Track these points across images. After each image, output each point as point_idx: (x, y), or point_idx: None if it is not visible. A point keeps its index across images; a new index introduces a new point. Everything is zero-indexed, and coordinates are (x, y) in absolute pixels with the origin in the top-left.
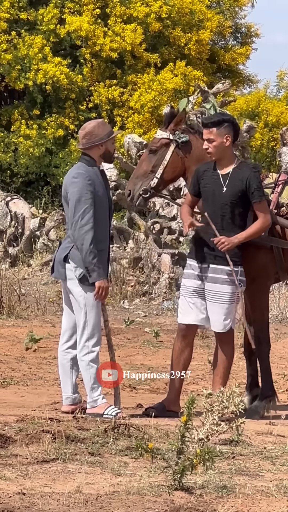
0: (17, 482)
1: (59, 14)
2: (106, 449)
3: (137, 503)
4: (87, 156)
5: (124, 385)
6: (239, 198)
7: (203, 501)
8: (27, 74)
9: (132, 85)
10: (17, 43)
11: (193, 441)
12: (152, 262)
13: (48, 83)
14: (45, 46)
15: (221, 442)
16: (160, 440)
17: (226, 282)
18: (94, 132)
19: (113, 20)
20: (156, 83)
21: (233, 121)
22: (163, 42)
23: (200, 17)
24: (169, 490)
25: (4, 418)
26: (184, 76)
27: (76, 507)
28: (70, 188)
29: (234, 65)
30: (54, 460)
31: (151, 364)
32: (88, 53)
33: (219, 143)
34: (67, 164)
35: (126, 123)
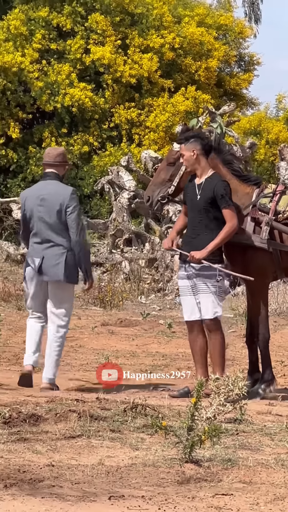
0: (47, 456)
1: (85, 45)
2: (125, 426)
3: (152, 474)
4: (55, 174)
5: (141, 370)
6: (210, 205)
7: (210, 472)
8: (56, 98)
9: (149, 107)
10: (47, 70)
11: (201, 420)
12: (166, 262)
13: (74, 105)
14: (72, 73)
15: (226, 420)
16: (173, 418)
17: (208, 276)
18: (65, 155)
19: (132, 50)
20: (169, 106)
21: (200, 136)
22: (176, 69)
23: (208, 47)
24: (181, 462)
25: (36, 399)
26: (194, 99)
27: (99, 477)
28: (70, 202)
29: (238, 90)
30: (79, 436)
31: (165, 352)
32: (110, 79)
33: (188, 156)
34: (90, 176)
35: (143, 140)
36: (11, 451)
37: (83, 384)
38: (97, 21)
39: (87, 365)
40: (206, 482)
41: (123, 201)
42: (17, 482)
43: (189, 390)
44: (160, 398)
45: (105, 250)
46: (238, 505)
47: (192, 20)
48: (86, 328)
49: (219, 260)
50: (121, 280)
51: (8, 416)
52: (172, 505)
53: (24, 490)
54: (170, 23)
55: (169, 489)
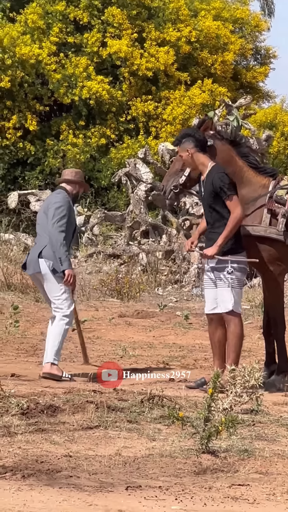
0: (65, 446)
1: (102, 38)
2: (142, 417)
3: (169, 465)
4: (64, 188)
5: (158, 362)
6: (214, 199)
7: (227, 462)
8: (73, 91)
9: (165, 100)
10: (65, 63)
11: (218, 411)
12: (182, 254)
13: (91, 98)
14: (89, 66)
15: (242, 411)
16: (190, 409)
17: (221, 269)
18: (80, 174)
19: (149, 43)
20: (186, 98)
21: (191, 134)
22: (192, 62)
23: (225, 41)
24: (197, 453)
25: (54, 390)
26: (211, 92)
27: (116, 467)
28: (53, 199)
29: (255, 83)
30: (97, 427)
31: (182, 343)
32: (127, 72)
33: (185, 156)
34: (108, 169)
35: (160, 133)
36: (29, 442)
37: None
38: (113, 15)
39: (104, 356)
40: (223, 473)
41: (140, 193)
42: (35, 472)
43: (205, 381)
44: (177, 389)
45: (122, 242)
46: (254, 495)
47: (208, 13)
48: (103, 320)
49: (234, 250)
50: (138, 272)
51: (26, 407)
52: (189, 496)
53: (42, 480)
54: (186, 17)
55: (186, 479)
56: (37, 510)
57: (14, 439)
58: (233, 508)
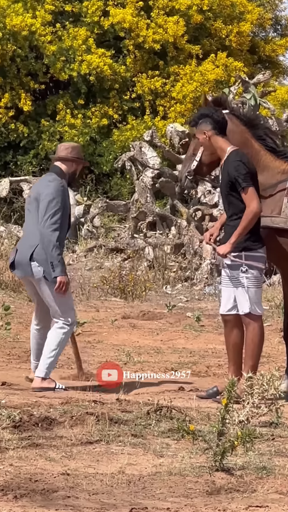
0: (62, 463)
1: (103, 7)
2: (148, 430)
3: (179, 484)
4: (58, 168)
5: (166, 368)
6: (230, 189)
7: (243, 481)
8: (71, 65)
9: (174, 76)
10: (62, 34)
11: (233, 423)
12: (194, 248)
13: (92, 73)
14: (89, 37)
15: (261, 424)
16: (201, 422)
17: (234, 267)
18: (77, 150)
19: (156, 13)
20: (197, 74)
21: (208, 114)
22: (204, 34)
23: (241, 10)
24: (210, 471)
25: (49, 401)
26: (225, 67)
27: (119, 487)
28: (44, 189)
29: (274, 56)
30: (97, 442)
31: (193, 348)
32: (131, 44)
33: (202, 140)
34: (110, 153)
35: (169, 112)
36: (22, 458)
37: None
38: None
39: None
40: (239, 493)
41: (146, 180)
42: (28, 492)
43: (218, 390)
44: (187, 399)
45: (126, 235)
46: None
47: None
48: (105, 322)
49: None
50: (144, 268)
51: (19, 419)
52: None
53: (36, 501)
54: None
55: (197, 500)
56: None
57: (5, 455)
58: None
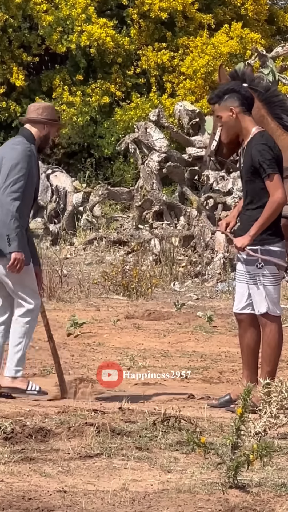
0: (58, 479)
1: None
2: (154, 443)
3: (188, 502)
4: (28, 132)
5: (174, 374)
6: (252, 175)
7: (260, 500)
8: (69, 37)
9: (184, 49)
10: (59, 3)
11: (249, 435)
12: (205, 240)
13: (92, 46)
14: (89, 6)
15: (279, 436)
16: (214, 434)
17: (250, 263)
18: (48, 111)
19: None
20: (210, 47)
21: (236, 89)
22: (217, 1)
23: None
24: (223, 488)
25: (45, 410)
26: (241, 39)
27: (122, 506)
28: (8, 154)
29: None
30: (98, 455)
31: (204, 352)
32: (136, 13)
33: (226, 117)
34: (112, 134)
35: (177, 89)
36: (14, 474)
37: (103, 391)
38: None
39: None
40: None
41: (152, 164)
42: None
43: (231, 398)
44: (197, 408)
45: (130, 226)
46: None
47: None
48: (106, 322)
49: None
50: (149, 262)
51: (10, 431)
52: None
53: None
54: None
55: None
56: None
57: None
58: None
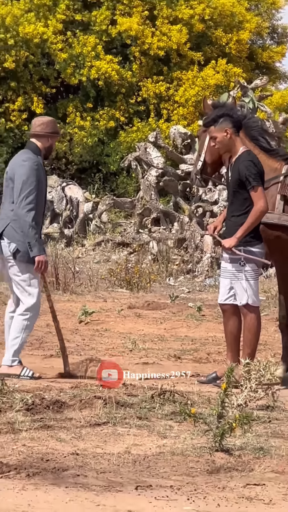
0: (71, 444)
1: (111, 16)
2: (152, 413)
3: (181, 463)
4: (34, 145)
5: (170, 355)
6: (239, 186)
7: (241, 461)
8: (81, 71)
9: (178, 81)
10: (72, 42)
11: (232, 407)
12: (195, 242)
13: (100, 78)
14: (97, 45)
15: (258, 407)
16: (202, 405)
17: (234, 261)
18: (50, 125)
19: (160, 21)
20: (199, 79)
21: (229, 113)
22: (206, 41)
23: (240, 19)
24: (210, 451)
25: (60, 385)
26: (225, 73)
27: (125, 466)
28: (19, 170)
29: (271, 63)
30: (105, 424)
31: (194, 336)
32: (137, 51)
33: (221, 138)
34: (117, 153)
35: (172, 115)
36: (34, 439)
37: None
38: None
39: (113, 350)
40: (237, 472)
41: (151, 178)
42: (40, 471)
43: (217, 376)
44: (189, 384)
45: (132, 230)
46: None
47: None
48: (112, 311)
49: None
50: (148, 261)
51: (31, 403)
52: (201, 495)
53: (48, 479)
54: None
55: (198, 478)
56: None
57: (18, 436)
58: (248, 509)
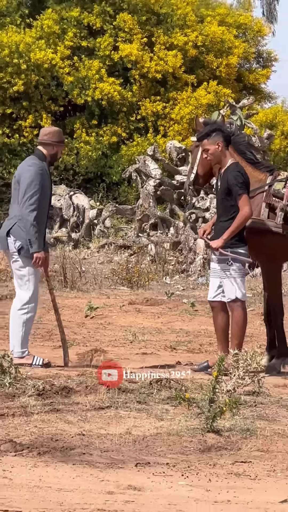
0: (78, 425)
1: (113, 42)
2: (151, 398)
3: (176, 443)
4: (40, 152)
5: (166, 346)
6: (227, 194)
7: (230, 441)
8: (86, 92)
9: (173, 101)
10: (79, 66)
11: (222, 392)
12: (189, 245)
13: (104, 98)
14: (101, 68)
15: (245, 393)
16: (195, 391)
17: (223, 261)
18: (56, 134)
19: (158, 47)
20: (193, 99)
21: (220, 129)
22: (198, 65)
23: (229, 45)
24: (203, 432)
25: (68, 373)
26: (216, 93)
27: (126, 445)
28: (24, 173)
29: (257, 84)
30: (108, 407)
31: (188, 329)
32: (137, 74)
33: (213, 150)
34: (119, 165)
35: (168, 131)
36: (45, 421)
37: (112, 359)
38: (124, 20)
39: (115, 341)
40: (226, 451)
41: (149, 188)
42: (50, 450)
43: (208, 364)
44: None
45: (132, 234)
46: (256, 471)
47: (213, 19)
48: (114, 307)
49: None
50: (147, 262)
51: (42, 389)
52: (194, 472)
53: (57, 457)
54: (193, 22)
55: (191, 456)
56: (52, 485)
57: (30, 419)
58: (236, 483)
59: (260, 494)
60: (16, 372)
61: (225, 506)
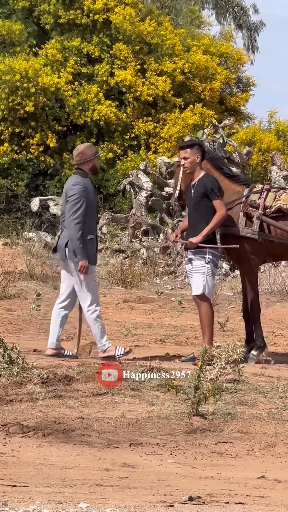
0: (78, 410)
1: (110, 69)
2: (143, 385)
3: (165, 425)
4: (81, 170)
5: (156, 339)
6: (202, 198)
7: (213, 424)
8: (86, 113)
9: (163, 121)
10: (79, 90)
11: (206, 380)
12: (177, 249)
13: (101, 119)
14: (99, 92)
15: (227, 381)
16: (183, 379)
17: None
18: (85, 152)
19: (149, 73)
20: (180, 120)
21: (201, 144)
22: (185, 89)
23: (212, 72)
24: (189, 416)
25: (69, 363)
26: (201, 115)
27: (121, 427)
28: (70, 192)
29: (237, 107)
30: (105, 394)
31: (176, 324)
32: (131, 97)
33: (192, 159)
34: (114, 178)
35: (159, 148)
36: (48, 406)
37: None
38: (120, 49)
39: (111, 335)
40: (210, 432)
41: (142, 199)
42: (53, 432)
43: (194, 356)
44: (172, 362)
45: (126, 240)
46: (236, 451)
47: (199, 49)
48: (110, 304)
49: (211, 241)
50: (139, 264)
51: (46, 377)
52: (181, 451)
53: (59, 438)
54: (180, 51)
55: (179, 437)
56: (55, 463)
57: (36, 404)
58: (219, 461)
59: (240, 471)
60: (23, 362)
61: (209, 481)
